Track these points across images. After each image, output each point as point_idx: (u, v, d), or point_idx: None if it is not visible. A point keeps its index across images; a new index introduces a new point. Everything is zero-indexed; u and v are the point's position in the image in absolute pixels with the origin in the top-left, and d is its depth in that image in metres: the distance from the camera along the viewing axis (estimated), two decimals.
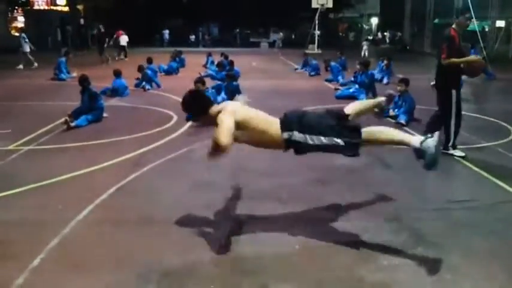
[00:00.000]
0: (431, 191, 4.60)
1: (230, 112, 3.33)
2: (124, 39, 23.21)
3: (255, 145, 3.58)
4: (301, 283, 2.90)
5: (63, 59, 14.23)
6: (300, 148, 3.42)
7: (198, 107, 3.55)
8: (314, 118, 3.45)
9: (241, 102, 3.71)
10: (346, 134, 3.31)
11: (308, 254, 3.27)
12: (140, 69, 12.04)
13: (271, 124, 3.42)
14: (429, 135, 3.24)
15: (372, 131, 3.38)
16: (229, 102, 3.59)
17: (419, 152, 3.25)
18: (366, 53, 25.45)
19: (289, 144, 3.41)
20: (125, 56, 22.59)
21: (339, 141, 3.28)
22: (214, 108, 3.47)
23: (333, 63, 14.49)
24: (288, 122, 3.41)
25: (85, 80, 7.89)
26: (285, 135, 3.37)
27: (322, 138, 3.30)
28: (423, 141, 3.20)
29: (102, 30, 22.76)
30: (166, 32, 38.16)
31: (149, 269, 3.02)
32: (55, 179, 4.76)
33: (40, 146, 6.14)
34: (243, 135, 3.40)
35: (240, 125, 3.31)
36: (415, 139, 3.29)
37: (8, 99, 10.01)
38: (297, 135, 3.34)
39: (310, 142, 3.32)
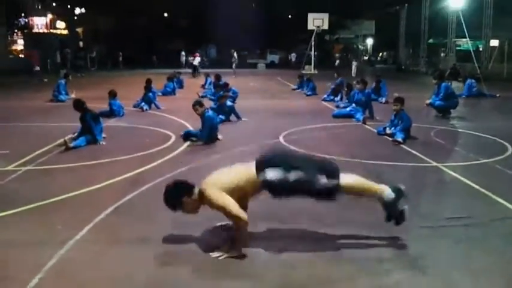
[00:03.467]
0: (429, 208, 4.60)
1: (215, 189, 3.43)
2: (197, 60, 27.99)
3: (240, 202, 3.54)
4: None
5: (63, 81, 14.34)
6: (276, 187, 3.46)
7: (179, 197, 3.56)
8: (293, 155, 3.58)
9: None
10: (325, 173, 3.42)
11: (308, 271, 3.25)
12: (146, 88, 12.10)
13: (248, 173, 3.51)
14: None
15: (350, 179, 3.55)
16: (205, 181, 3.60)
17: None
18: (355, 72, 26.16)
19: (265, 184, 3.47)
20: (194, 75, 25.37)
21: (319, 177, 3.38)
22: (196, 191, 3.55)
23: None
24: (261, 162, 3.51)
25: (82, 104, 7.80)
26: (261, 175, 3.44)
27: (300, 172, 3.38)
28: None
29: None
30: (183, 54, 38.27)
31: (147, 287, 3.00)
32: (53, 199, 4.74)
33: (38, 167, 6.14)
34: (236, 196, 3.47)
35: (229, 191, 3.43)
36: (386, 193, 3.55)
37: (7, 119, 10.03)
38: (272, 173, 3.40)
39: (287, 179, 3.38)
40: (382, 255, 3.49)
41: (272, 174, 3.41)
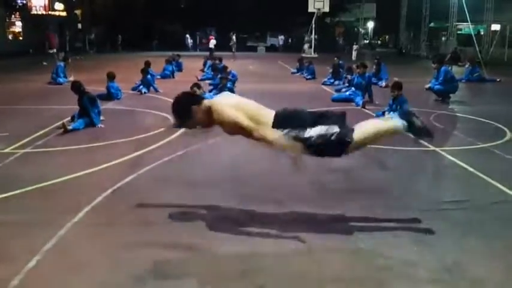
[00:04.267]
0: (427, 192, 4.61)
1: (225, 105, 3.33)
2: (212, 43, 27.80)
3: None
4: (299, 283, 2.90)
5: (62, 63, 14.24)
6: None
7: (188, 105, 3.42)
8: (305, 113, 3.51)
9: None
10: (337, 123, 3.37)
11: (306, 253, 3.27)
12: (143, 71, 12.03)
13: (266, 116, 3.45)
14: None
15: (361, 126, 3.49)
16: (218, 96, 3.56)
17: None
18: (355, 56, 26.09)
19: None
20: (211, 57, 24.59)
21: (335, 128, 3.33)
22: (205, 102, 3.44)
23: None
24: (279, 121, 3.43)
25: (79, 87, 7.77)
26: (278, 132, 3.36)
27: (318, 128, 3.34)
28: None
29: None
30: (188, 37, 37.90)
31: (146, 271, 3.01)
32: (51, 181, 4.75)
33: (37, 149, 6.13)
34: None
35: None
36: (400, 127, 3.47)
37: (5, 102, 9.99)
38: (290, 133, 3.36)
39: (306, 135, 3.33)
40: (379, 237, 3.51)
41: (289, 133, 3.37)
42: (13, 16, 32.33)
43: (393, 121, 3.56)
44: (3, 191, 4.42)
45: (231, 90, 10.02)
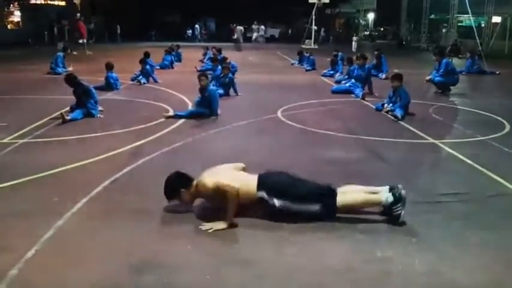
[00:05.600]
0: (426, 184, 4.62)
1: (209, 178, 3.64)
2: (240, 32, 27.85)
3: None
4: (295, 274, 2.91)
5: (61, 53, 14.16)
6: (270, 208, 3.64)
7: (177, 188, 3.74)
8: (291, 183, 3.69)
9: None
10: (322, 198, 3.61)
11: (304, 245, 3.29)
12: (142, 62, 11.99)
13: (247, 184, 3.67)
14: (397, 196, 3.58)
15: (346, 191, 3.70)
16: (206, 174, 3.78)
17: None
18: (355, 48, 26.06)
19: (262, 202, 3.64)
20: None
21: (315, 207, 3.58)
22: (194, 184, 3.74)
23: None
24: (265, 184, 3.67)
25: (74, 79, 7.73)
26: (260, 194, 3.63)
27: (298, 204, 3.59)
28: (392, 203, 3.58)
29: None
30: (197, 28, 37.66)
31: (143, 261, 3.02)
32: (50, 171, 4.75)
33: (35, 139, 6.13)
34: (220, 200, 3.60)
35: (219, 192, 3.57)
36: (384, 198, 3.62)
37: (4, 92, 9.94)
38: (274, 200, 3.60)
39: (282, 205, 3.59)
40: (377, 229, 3.53)
41: (268, 196, 3.62)
42: (12, 6, 32.10)
43: (382, 195, 3.66)
44: (2, 181, 4.42)
45: (232, 81, 10.02)
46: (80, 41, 22.08)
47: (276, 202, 3.61)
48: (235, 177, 3.72)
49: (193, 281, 2.83)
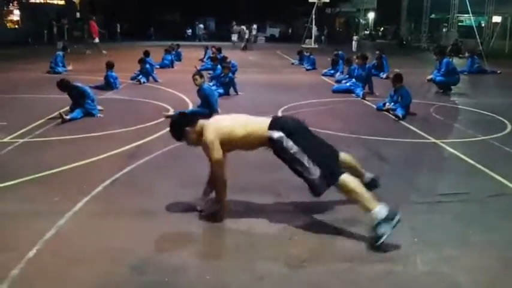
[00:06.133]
0: (427, 183, 4.61)
1: (213, 130, 3.57)
2: (247, 34, 28.14)
3: (245, 149, 3.82)
4: (298, 274, 2.90)
5: (61, 53, 14.14)
6: (280, 152, 3.52)
7: (182, 127, 3.70)
8: (309, 134, 3.62)
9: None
10: (327, 170, 3.39)
11: (305, 245, 3.28)
12: (141, 61, 11.97)
13: (258, 124, 3.61)
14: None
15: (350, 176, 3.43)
16: (211, 121, 3.76)
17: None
18: (355, 47, 26.08)
19: (272, 143, 3.52)
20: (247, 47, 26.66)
21: (314, 170, 3.37)
22: (200, 124, 3.68)
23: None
24: (281, 123, 3.58)
25: (67, 83, 7.64)
26: (275, 134, 3.48)
27: (306, 157, 3.40)
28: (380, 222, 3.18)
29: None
30: (201, 27, 37.59)
31: (144, 261, 3.01)
32: (50, 171, 4.74)
33: (35, 139, 6.12)
34: (232, 145, 3.65)
35: (225, 139, 3.56)
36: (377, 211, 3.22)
37: (4, 91, 9.93)
38: (279, 135, 3.46)
39: (292, 151, 3.42)
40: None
41: (279, 136, 3.45)
42: (11, 5, 32.05)
43: (378, 205, 3.26)
44: (2, 180, 4.41)
45: (232, 81, 10.01)
46: (95, 41, 22.07)
47: (290, 143, 3.41)
48: (242, 121, 3.67)
49: (193, 281, 2.82)
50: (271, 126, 3.53)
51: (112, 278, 2.85)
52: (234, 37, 29.00)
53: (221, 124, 3.66)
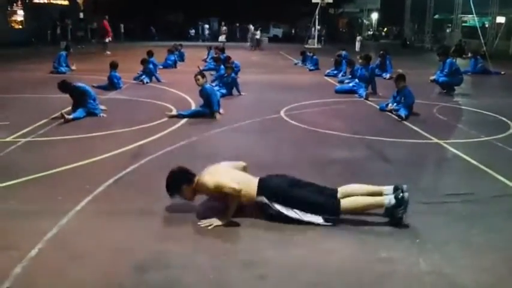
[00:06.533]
0: (430, 184, 4.60)
1: (209, 176, 3.64)
2: (259, 34, 29.14)
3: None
4: (299, 273, 2.90)
5: (64, 53, 14.16)
6: (268, 212, 3.65)
7: (179, 184, 3.73)
8: (292, 190, 3.67)
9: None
10: (323, 209, 3.59)
11: (307, 245, 3.27)
12: (144, 62, 11.99)
13: (248, 186, 3.65)
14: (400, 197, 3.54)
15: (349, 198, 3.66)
16: (206, 172, 3.78)
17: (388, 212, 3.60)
18: (358, 47, 26.13)
19: (262, 205, 3.65)
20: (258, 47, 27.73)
21: (316, 217, 3.56)
22: (195, 180, 3.73)
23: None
24: (266, 189, 3.65)
25: (67, 84, 7.62)
26: (260, 199, 3.63)
27: (298, 212, 3.57)
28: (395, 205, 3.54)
29: None
30: (206, 27, 37.64)
31: (146, 260, 3.01)
32: (53, 170, 4.75)
33: (38, 138, 6.13)
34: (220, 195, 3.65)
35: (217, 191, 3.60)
36: (387, 201, 3.58)
37: (7, 91, 9.97)
38: (275, 206, 3.60)
39: (285, 213, 3.58)
40: (381, 229, 3.51)
41: (269, 202, 3.62)
42: (15, 5, 32.15)
43: (384, 198, 3.62)
44: (5, 179, 4.41)
45: (235, 81, 10.00)
46: (106, 41, 22.13)
47: (277, 207, 3.60)
48: (235, 177, 3.70)
49: (196, 280, 2.82)
50: (260, 191, 3.65)
51: (114, 277, 2.85)
52: (222, 37, 29.04)
53: (215, 172, 3.74)
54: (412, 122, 7.31)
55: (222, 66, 11.03)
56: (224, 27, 29.54)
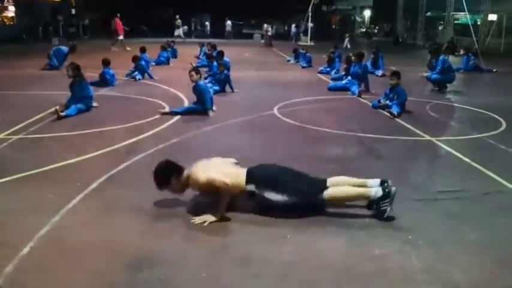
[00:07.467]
0: (422, 182, 4.62)
1: (201, 172, 3.65)
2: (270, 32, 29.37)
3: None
4: (292, 271, 2.90)
5: (65, 48, 13.95)
6: (261, 201, 3.70)
7: (168, 176, 3.74)
8: (280, 175, 3.74)
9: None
10: (307, 190, 3.67)
11: (299, 243, 3.28)
12: (135, 59, 11.92)
13: (236, 177, 3.68)
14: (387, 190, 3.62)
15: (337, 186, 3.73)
16: (193, 166, 3.79)
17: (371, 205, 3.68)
18: (348, 45, 26.20)
19: (251, 195, 3.69)
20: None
21: (297, 198, 3.63)
22: (185, 173, 3.75)
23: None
24: (253, 177, 3.69)
25: (78, 69, 7.76)
26: (249, 187, 3.66)
27: (282, 195, 3.62)
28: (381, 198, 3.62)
29: None
30: (207, 24, 37.52)
31: (139, 258, 3.00)
32: (45, 167, 4.71)
33: (30, 135, 6.08)
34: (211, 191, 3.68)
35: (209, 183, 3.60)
36: (373, 192, 3.65)
37: None
38: (264, 193, 3.64)
39: (273, 199, 3.63)
40: (373, 227, 3.52)
41: (258, 189, 3.65)
42: (6, 0, 31.81)
43: (371, 190, 3.68)
44: None
45: (228, 78, 9.98)
46: (120, 38, 22.01)
47: (266, 194, 3.63)
48: (225, 171, 3.71)
49: (189, 278, 2.81)
50: (247, 179, 3.68)
51: (107, 275, 2.83)
52: (179, 31, 28.79)
53: (205, 167, 3.74)
54: (405, 120, 7.34)
55: (215, 63, 11.00)
56: (179, 21, 29.47)
